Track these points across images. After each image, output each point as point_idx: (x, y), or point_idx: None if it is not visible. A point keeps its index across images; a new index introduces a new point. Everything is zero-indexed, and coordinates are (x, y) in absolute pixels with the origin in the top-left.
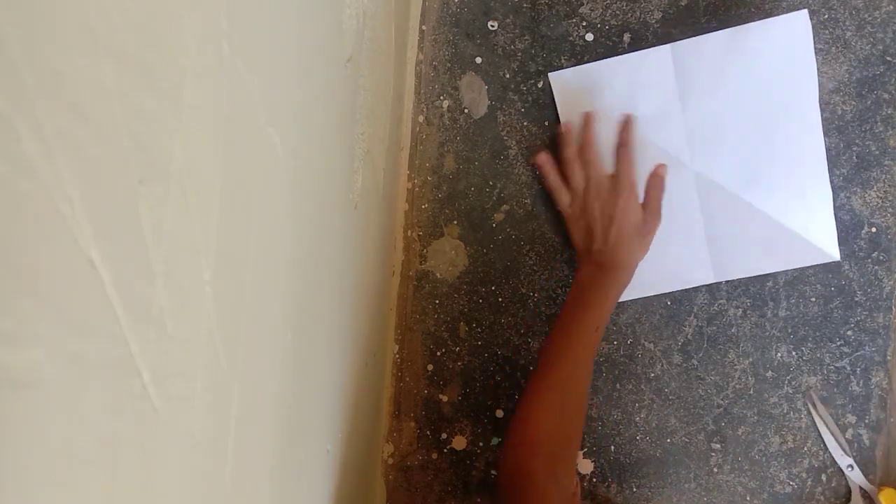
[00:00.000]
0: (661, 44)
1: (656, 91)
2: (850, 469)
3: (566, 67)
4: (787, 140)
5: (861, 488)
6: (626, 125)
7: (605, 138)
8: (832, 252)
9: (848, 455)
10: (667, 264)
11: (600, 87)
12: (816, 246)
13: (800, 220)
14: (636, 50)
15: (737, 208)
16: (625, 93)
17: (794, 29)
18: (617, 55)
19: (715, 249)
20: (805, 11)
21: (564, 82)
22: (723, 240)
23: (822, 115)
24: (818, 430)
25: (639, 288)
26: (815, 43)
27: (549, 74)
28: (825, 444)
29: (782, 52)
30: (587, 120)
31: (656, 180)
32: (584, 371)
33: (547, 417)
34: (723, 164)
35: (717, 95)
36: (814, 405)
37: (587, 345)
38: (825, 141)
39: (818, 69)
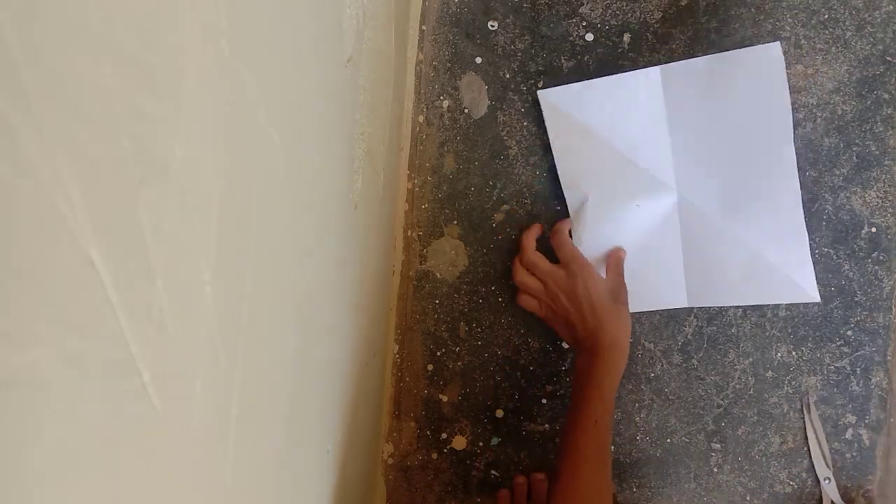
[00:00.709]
0: (662, 46)
1: (644, 112)
2: (826, 482)
3: (563, 75)
4: (764, 175)
5: (832, 502)
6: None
7: (592, 158)
8: (812, 292)
9: (828, 468)
10: (641, 284)
11: (589, 107)
12: (797, 283)
13: (779, 255)
14: (635, 53)
15: (717, 235)
16: (613, 113)
17: (767, 60)
18: (614, 63)
19: (691, 274)
20: (777, 44)
21: (553, 100)
22: (701, 265)
23: (822, 115)
24: (806, 434)
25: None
26: (816, 44)
27: (539, 92)
28: (809, 452)
29: (756, 84)
30: (524, 235)
31: (614, 259)
32: (594, 466)
33: None
34: (706, 189)
35: (702, 120)
36: (808, 410)
37: (590, 439)
38: (828, 142)
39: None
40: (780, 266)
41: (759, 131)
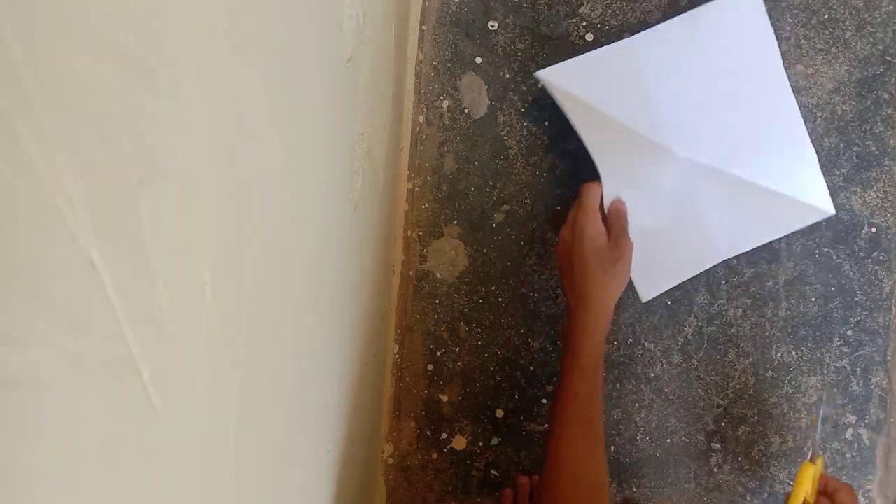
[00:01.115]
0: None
1: (632, 83)
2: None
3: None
4: (761, 107)
5: None
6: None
7: (599, 129)
8: (826, 207)
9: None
10: (674, 255)
11: (584, 81)
12: (810, 204)
13: (789, 183)
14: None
15: (729, 185)
16: (607, 86)
17: (746, 4)
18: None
19: (718, 229)
20: None
21: (552, 79)
22: (723, 218)
23: (822, 115)
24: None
25: (671, 278)
26: (816, 44)
27: (537, 73)
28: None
29: (738, 24)
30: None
31: (616, 211)
32: (579, 442)
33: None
34: (707, 145)
35: (689, 79)
36: (820, 422)
37: (571, 415)
38: (828, 142)
39: (817, 70)
40: (792, 193)
41: (749, 67)
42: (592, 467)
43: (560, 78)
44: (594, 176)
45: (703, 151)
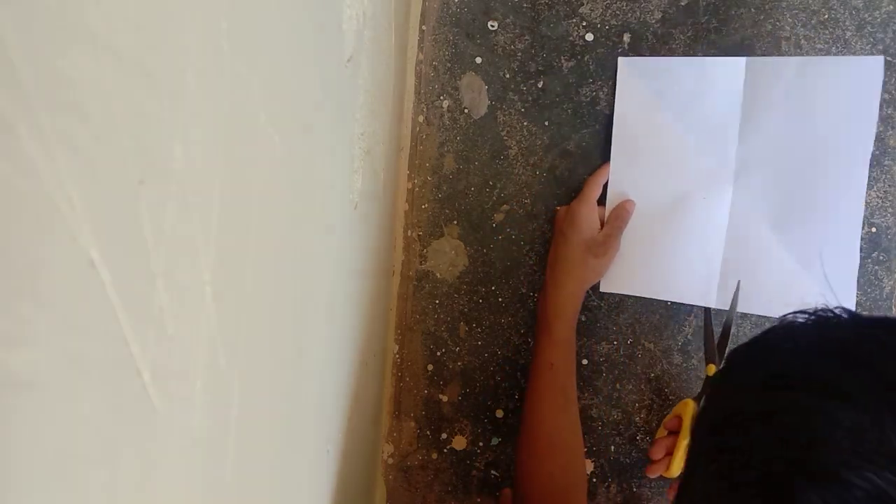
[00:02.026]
0: (662, 46)
1: (720, 101)
2: None
3: (563, 75)
4: (831, 189)
5: None
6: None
7: (654, 134)
8: (848, 302)
9: None
10: (673, 274)
11: (666, 83)
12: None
13: (823, 277)
14: (635, 53)
15: (764, 243)
16: (688, 95)
17: (866, 73)
18: (614, 63)
19: (726, 276)
20: (881, 58)
21: (631, 69)
22: (738, 269)
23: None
24: None
25: (636, 286)
26: (816, 44)
27: (620, 59)
28: None
29: (846, 95)
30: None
31: (621, 210)
32: (555, 408)
33: (527, 475)
34: (763, 192)
35: (779, 122)
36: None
37: (548, 382)
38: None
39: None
40: (822, 287)
41: (837, 144)
42: (568, 434)
43: (637, 68)
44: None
45: (756, 197)
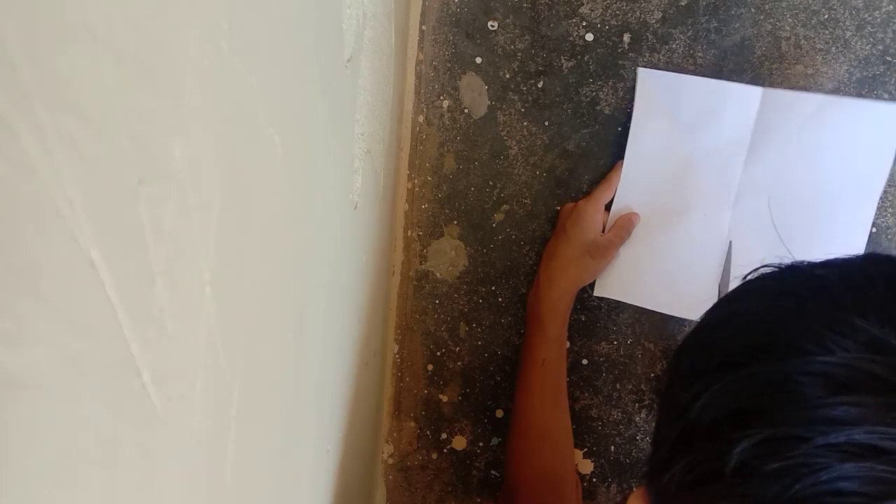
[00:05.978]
0: (662, 46)
1: (731, 126)
2: None
3: (563, 75)
4: (833, 227)
5: None
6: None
7: (664, 147)
8: None
9: None
10: (668, 287)
11: (679, 100)
12: None
13: None
14: (635, 53)
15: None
16: (700, 115)
17: (887, 120)
18: (614, 63)
19: (719, 296)
20: None
21: (650, 81)
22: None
23: None
24: None
25: (629, 294)
26: (816, 44)
27: (639, 69)
28: None
29: (865, 137)
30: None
31: (627, 221)
32: (546, 404)
33: (516, 471)
34: (762, 223)
35: (787, 156)
36: None
37: (539, 379)
38: None
39: None
40: None
41: (847, 182)
42: (559, 429)
43: (656, 82)
44: (593, 176)
45: (755, 228)
